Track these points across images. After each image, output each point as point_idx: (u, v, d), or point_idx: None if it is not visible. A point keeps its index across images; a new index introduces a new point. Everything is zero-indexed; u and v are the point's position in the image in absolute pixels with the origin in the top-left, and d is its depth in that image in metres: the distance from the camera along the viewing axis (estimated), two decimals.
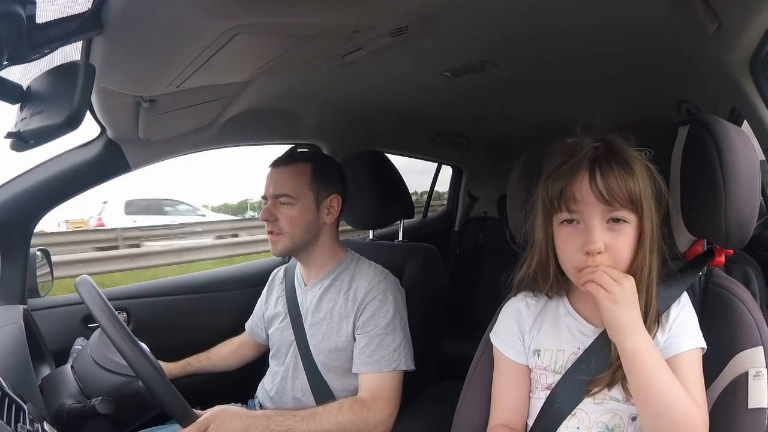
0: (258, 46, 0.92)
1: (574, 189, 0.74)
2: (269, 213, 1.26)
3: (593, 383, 0.77)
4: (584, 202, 0.74)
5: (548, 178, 0.78)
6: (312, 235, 1.28)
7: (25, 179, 1.30)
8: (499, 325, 0.91)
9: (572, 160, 0.75)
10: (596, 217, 0.74)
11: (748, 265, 0.94)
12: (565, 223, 0.77)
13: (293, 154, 1.33)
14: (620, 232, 0.74)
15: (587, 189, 0.73)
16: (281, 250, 1.28)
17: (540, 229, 0.81)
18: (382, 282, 1.24)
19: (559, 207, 0.76)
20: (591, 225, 0.74)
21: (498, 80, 1.41)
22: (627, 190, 0.73)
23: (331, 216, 1.30)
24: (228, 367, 1.48)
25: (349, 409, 1.10)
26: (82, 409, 0.97)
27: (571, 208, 0.75)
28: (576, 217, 0.75)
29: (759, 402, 0.72)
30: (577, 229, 0.76)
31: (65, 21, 0.74)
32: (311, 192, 1.27)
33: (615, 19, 1.03)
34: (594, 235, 0.73)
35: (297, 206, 1.26)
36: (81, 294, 1.00)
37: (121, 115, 1.20)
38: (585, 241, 0.74)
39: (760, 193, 0.80)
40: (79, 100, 0.71)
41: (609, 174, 0.73)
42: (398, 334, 1.19)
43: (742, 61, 0.97)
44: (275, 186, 1.27)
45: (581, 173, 0.74)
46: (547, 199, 0.78)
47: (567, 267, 0.78)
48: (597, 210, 0.74)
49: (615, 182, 0.73)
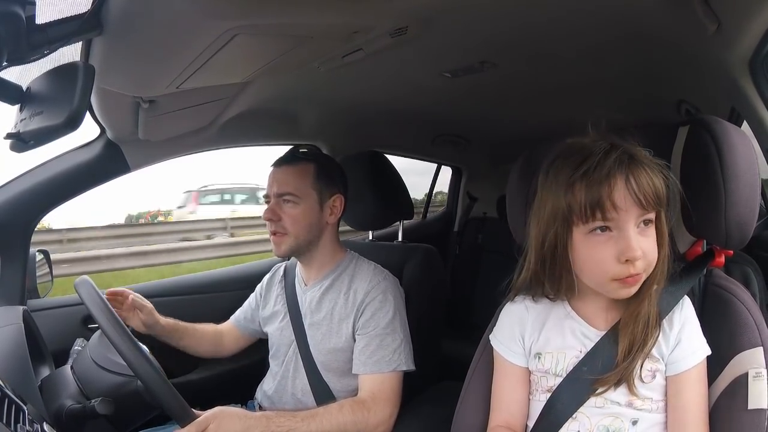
0: (257, 47, 0.92)
1: (614, 196, 0.71)
2: (272, 212, 1.25)
3: (600, 382, 0.76)
4: (623, 208, 0.71)
5: (576, 185, 0.73)
6: (315, 235, 1.28)
7: (24, 180, 1.30)
8: (498, 327, 0.91)
9: (604, 166, 0.72)
10: (632, 223, 0.72)
11: (748, 265, 0.93)
12: (596, 231, 0.73)
13: (296, 153, 1.32)
14: (649, 234, 0.74)
15: (626, 195, 0.71)
16: (285, 250, 1.27)
17: (552, 235, 0.77)
18: (382, 282, 1.24)
19: (594, 215, 0.72)
20: (628, 232, 0.71)
21: (497, 81, 1.41)
22: (656, 191, 0.72)
23: (333, 216, 1.30)
24: (200, 347, 1.39)
25: (350, 410, 1.10)
26: (81, 409, 0.97)
27: (608, 216, 0.71)
28: (610, 224, 0.72)
29: (759, 403, 0.72)
30: (611, 237, 0.72)
31: (65, 22, 0.74)
32: (315, 192, 1.27)
33: (614, 19, 1.03)
34: (633, 242, 0.71)
35: (301, 206, 1.25)
36: (80, 295, 1.00)
37: (121, 115, 1.20)
38: (623, 249, 0.71)
39: (760, 193, 0.80)
40: (79, 100, 0.71)
41: (641, 175, 0.71)
42: (398, 334, 1.19)
43: (742, 61, 0.97)
44: (279, 185, 1.26)
45: (617, 179, 0.71)
46: (579, 206, 0.72)
47: (600, 278, 0.75)
48: (633, 215, 0.72)
49: (647, 184, 0.71)
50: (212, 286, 1.74)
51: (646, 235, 0.73)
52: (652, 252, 0.73)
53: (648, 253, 0.73)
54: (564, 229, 0.75)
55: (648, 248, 0.73)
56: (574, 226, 0.75)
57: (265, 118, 1.60)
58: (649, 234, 0.74)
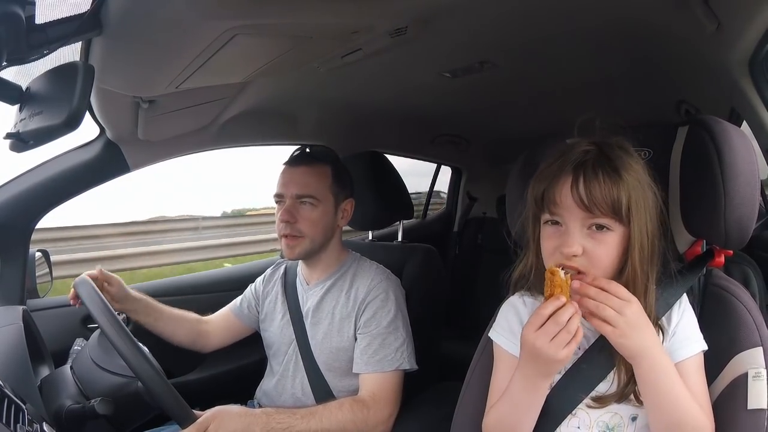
0: (257, 47, 0.92)
1: (555, 192, 0.75)
2: (290, 214, 1.21)
3: (601, 401, 0.77)
4: (564, 207, 0.74)
5: (535, 179, 0.79)
6: (328, 238, 1.27)
7: (24, 180, 1.30)
8: (498, 322, 0.91)
9: (558, 163, 0.76)
10: (576, 222, 0.74)
11: (748, 265, 0.93)
12: (549, 223, 0.77)
13: (313, 154, 1.29)
14: (601, 239, 0.74)
15: (567, 194, 0.73)
16: (299, 253, 1.24)
17: (529, 228, 0.82)
18: (384, 281, 1.24)
19: (542, 208, 0.77)
20: (570, 229, 0.74)
21: (497, 81, 1.42)
22: (610, 199, 0.72)
23: (344, 220, 1.29)
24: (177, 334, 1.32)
25: (350, 409, 1.10)
26: (81, 409, 0.97)
27: (552, 211, 0.76)
28: (557, 219, 0.76)
29: (758, 403, 0.72)
30: (558, 231, 0.76)
31: (64, 22, 0.74)
32: (332, 195, 1.25)
33: (614, 19, 1.03)
34: (571, 239, 0.73)
35: (320, 208, 1.23)
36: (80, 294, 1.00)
37: (121, 115, 1.20)
38: (561, 243, 0.74)
39: (760, 193, 0.80)
40: (79, 100, 0.71)
41: (593, 181, 0.72)
42: (400, 333, 1.19)
43: (742, 61, 0.98)
44: (298, 186, 1.23)
45: (564, 177, 0.74)
46: (532, 199, 0.79)
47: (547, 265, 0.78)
48: (577, 215, 0.74)
49: (598, 190, 0.72)
50: (212, 286, 1.74)
51: (596, 239, 0.74)
52: (601, 257, 0.74)
53: (594, 257, 0.73)
54: (535, 222, 0.81)
55: (596, 252, 0.73)
56: (541, 218, 0.79)
57: (265, 118, 1.60)
58: (600, 239, 0.74)
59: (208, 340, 1.39)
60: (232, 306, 1.44)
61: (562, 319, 0.70)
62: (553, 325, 0.70)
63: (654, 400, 0.72)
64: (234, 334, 1.42)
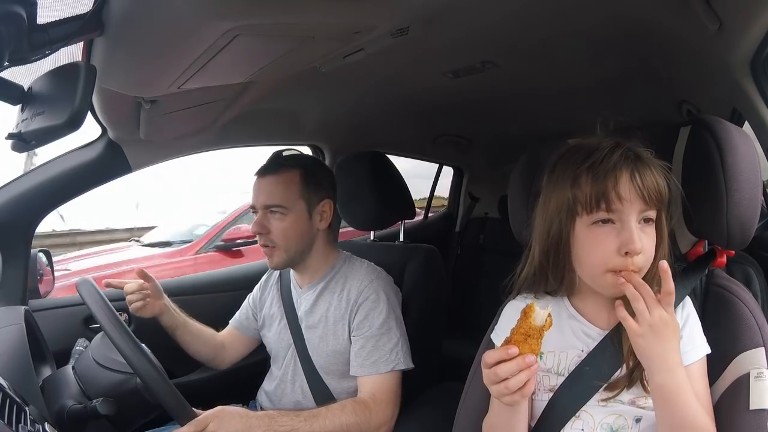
0: (259, 47, 0.92)
1: (619, 187, 0.72)
2: (261, 225, 1.21)
3: (609, 388, 0.76)
4: (628, 201, 0.72)
5: (582, 177, 0.74)
6: (307, 244, 1.25)
7: (25, 180, 1.30)
8: (500, 324, 0.90)
9: (611, 159, 0.73)
10: (634, 216, 0.73)
11: (750, 265, 0.93)
12: (599, 223, 0.74)
13: (279, 160, 1.27)
14: (648, 232, 0.74)
15: (631, 188, 0.72)
16: (278, 263, 1.24)
17: (557, 228, 0.78)
18: (374, 281, 1.23)
19: (598, 206, 0.73)
20: (630, 225, 0.72)
21: (499, 81, 1.41)
22: (658, 189, 0.73)
23: (324, 222, 1.26)
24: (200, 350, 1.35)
25: (352, 410, 1.10)
26: (83, 410, 0.97)
27: (611, 208, 0.73)
28: (613, 217, 0.74)
29: (760, 403, 0.71)
30: (614, 230, 0.73)
31: (66, 22, 0.74)
32: (302, 200, 1.23)
33: (615, 19, 1.03)
34: (634, 235, 0.72)
35: (289, 216, 1.21)
36: (82, 295, 1.00)
37: (122, 116, 1.20)
38: (625, 241, 0.72)
39: (762, 193, 0.80)
40: (80, 100, 0.71)
41: (646, 173, 0.73)
42: (394, 333, 1.18)
43: (743, 61, 0.97)
44: (265, 196, 1.22)
45: (624, 172, 0.73)
46: (585, 196, 0.74)
47: (596, 270, 0.75)
48: (636, 209, 0.73)
49: (651, 181, 0.73)
50: (212, 286, 1.74)
51: (645, 233, 0.74)
52: (649, 250, 0.74)
53: (647, 251, 0.73)
54: (568, 220, 0.76)
55: (647, 246, 0.73)
56: (578, 218, 0.75)
57: (267, 119, 1.60)
58: (648, 232, 0.74)
59: (226, 357, 1.42)
60: (233, 321, 1.45)
61: (500, 372, 0.67)
62: (494, 375, 0.68)
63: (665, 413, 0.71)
64: (243, 346, 1.44)
